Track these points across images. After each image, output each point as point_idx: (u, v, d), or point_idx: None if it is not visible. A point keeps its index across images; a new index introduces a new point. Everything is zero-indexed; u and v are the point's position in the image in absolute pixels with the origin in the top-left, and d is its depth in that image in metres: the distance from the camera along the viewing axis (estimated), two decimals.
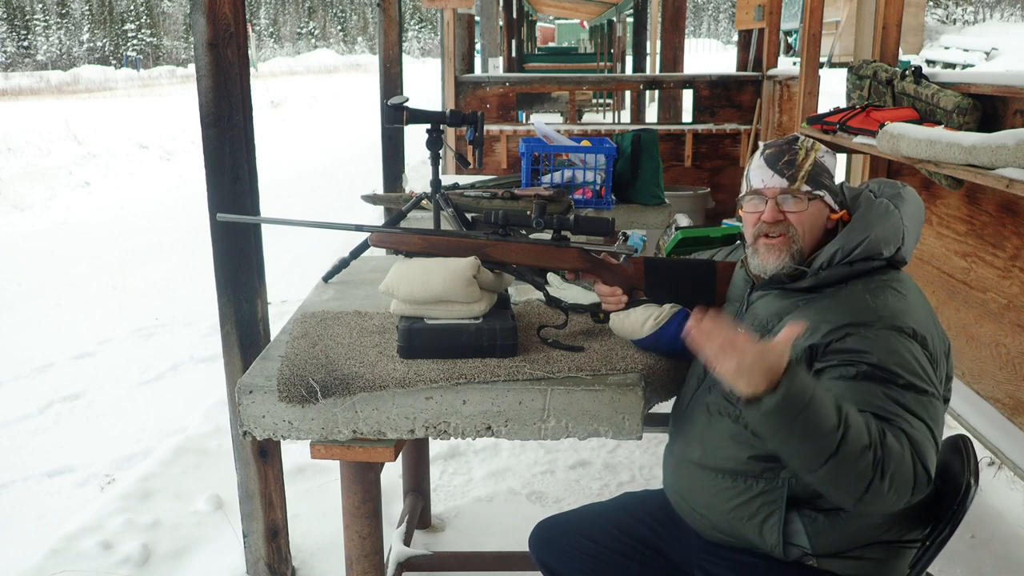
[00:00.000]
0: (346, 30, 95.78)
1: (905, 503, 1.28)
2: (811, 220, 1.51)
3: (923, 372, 1.33)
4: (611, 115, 14.73)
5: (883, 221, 1.46)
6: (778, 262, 1.51)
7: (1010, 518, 2.75)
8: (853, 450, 1.21)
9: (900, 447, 1.25)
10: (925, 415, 1.30)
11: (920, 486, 1.26)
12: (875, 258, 1.44)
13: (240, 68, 2.13)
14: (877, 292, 1.41)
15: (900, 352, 1.34)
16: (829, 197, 1.51)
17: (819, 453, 1.21)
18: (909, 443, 1.26)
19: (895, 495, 1.24)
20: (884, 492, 1.23)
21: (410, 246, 1.73)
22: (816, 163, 1.51)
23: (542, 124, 3.40)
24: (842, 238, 1.46)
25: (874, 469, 1.22)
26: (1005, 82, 2.64)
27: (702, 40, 70.97)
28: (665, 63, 7.68)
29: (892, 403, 1.30)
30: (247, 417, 1.55)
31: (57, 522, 2.87)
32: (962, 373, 2.95)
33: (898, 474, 1.23)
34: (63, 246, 7.53)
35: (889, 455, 1.23)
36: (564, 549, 1.76)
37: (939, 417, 1.34)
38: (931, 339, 1.38)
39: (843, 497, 1.27)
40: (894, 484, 1.23)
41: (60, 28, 76.88)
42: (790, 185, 1.50)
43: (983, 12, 51.82)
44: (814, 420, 1.20)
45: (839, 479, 1.23)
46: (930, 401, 1.32)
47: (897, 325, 1.36)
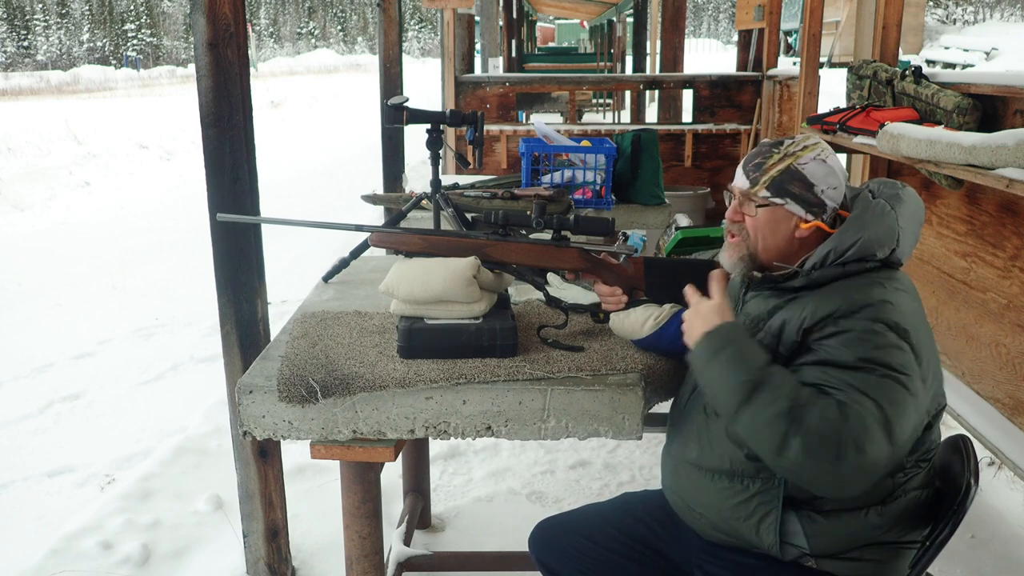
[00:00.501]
0: (346, 30, 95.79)
1: (840, 481, 1.25)
2: (766, 227, 1.50)
3: (886, 357, 1.31)
4: (611, 115, 14.72)
5: (877, 222, 1.44)
6: (730, 261, 1.55)
7: (1010, 518, 2.75)
8: (767, 401, 1.28)
9: (827, 411, 1.26)
10: (875, 393, 1.27)
11: (846, 458, 1.23)
12: (868, 259, 1.43)
13: (240, 68, 2.13)
14: (866, 286, 1.40)
15: (865, 339, 1.32)
16: (796, 206, 1.48)
17: (733, 396, 1.32)
18: (841, 411, 1.25)
19: (815, 460, 1.23)
20: (799, 453, 1.24)
21: (410, 246, 1.73)
22: (788, 170, 1.47)
23: (542, 124, 3.40)
24: (835, 239, 1.44)
25: (788, 424, 1.25)
26: (1005, 82, 2.64)
27: (702, 40, 70.98)
28: (665, 63, 7.68)
29: (838, 380, 1.30)
30: (247, 417, 1.55)
31: (57, 522, 2.88)
32: (962, 373, 2.95)
33: (815, 437, 1.24)
34: (63, 246, 7.53)
35: (807, 416, 1.25)
36: (564, 549, 1.76)
37: (899, 399, 1.29)
38: (913, 333, 1.35)
39: (762, 450, 1.30)
40: (809, 446, 1.23)
41: (60, 28, 76.89)
42: (750, 188, 1.51)
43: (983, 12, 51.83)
44: (735, 360, 1.34)
45: (754, 428, 1.29)
46: (886, 383, 1.29)
47: (878, 317, 1.35)
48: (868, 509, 1.44)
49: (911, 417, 1.31)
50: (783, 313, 1.45)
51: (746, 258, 1.53)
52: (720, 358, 1.36)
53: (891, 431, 1.27)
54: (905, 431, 1.30)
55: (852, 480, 1.25)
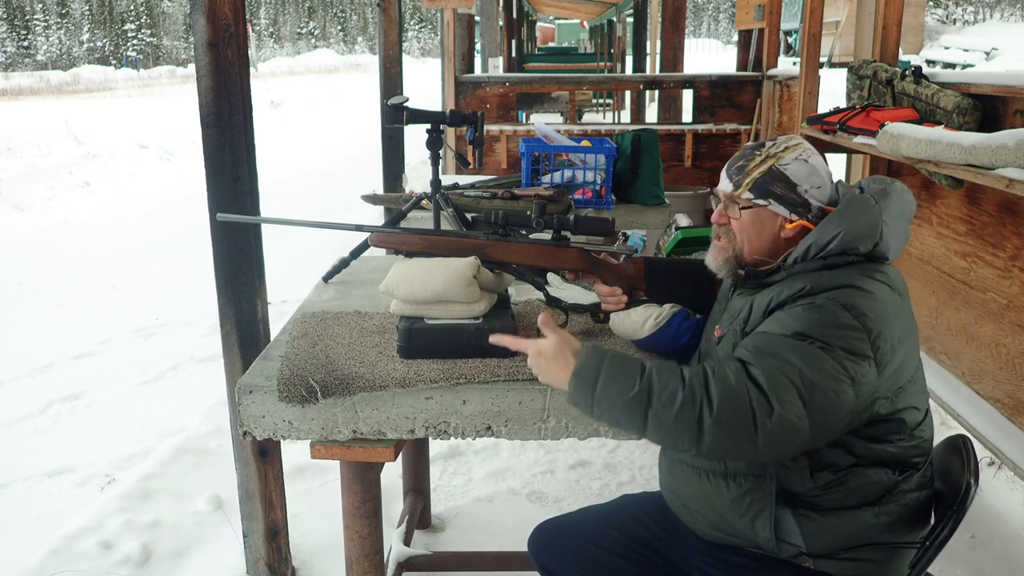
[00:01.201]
0: (346, 30, 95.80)
1: (761, 446, 1.24)
2: (751, 229, 1.51)
3: (827, 335, 1.30)
4: (611, 115, 14.73)
5: (859, 216, 1.43)
6: (716, 263, 1.56)
7: (1010, 518, 2.75)
8: (665, 396, 1.27)
9: (728, 378, 1.26)
10: (797, 359, 1.27)
11: (761, 420, 1.23)
12: (850, 253, 1.42)
13: (240, 68, 2.13)
14: (838, 274, 1.40)
15: (812, 315, 1.33)
16: (779, 206, 1.48)
17: (634, 411, 1.29)
18: (745, 374, 1.27)
19: (732, 432, 1.23)
20: (716, 431, 1.23)
21: (410, 246, 1.73)
22: (770, 171, 1.48)
23: (542, 124, 3.40)
24: (816, 233, 1.45)
25: (695, 406, 1.25)
26: (1005, 82, 2.64)
27: (702, 40, 70.97)
28: (665, 63, 7.68)
29: (760, 347, 1.31)
30: (247, 417, 1.55)
31: (57, 522, 2.87)
32: (962, 373, 2.95)
33: (727, 403, 1.24)
34: (63, 246, 7.53)
35: (711, 390, 1.25)
36: (563, 551, 1.76)
37: (829, 371, 1.27)
38: (874, 318, 1.33)
39: (684, 446, 1.28)
40: (722, 419, 1.23)
41: (60, 28, 76.90)
42: (733, 191, 1.52)
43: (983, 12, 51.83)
44: (612, 383, 1.30)
45: (667, 428, 1.27)
46: (813, 351, 1.28)
47: (836, 297, 1.35)
48: (864, 509, 1.44)
49: (841, 395, 1.28)
50: (754, 297, 1.48)
51: (732, 260, 1.54)
52: (601, 384, 1.31)
53: (808, 393, 1.26)
54: (832, 404, 1.28)
55: (771, 443, 1.25)
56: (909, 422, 1.44)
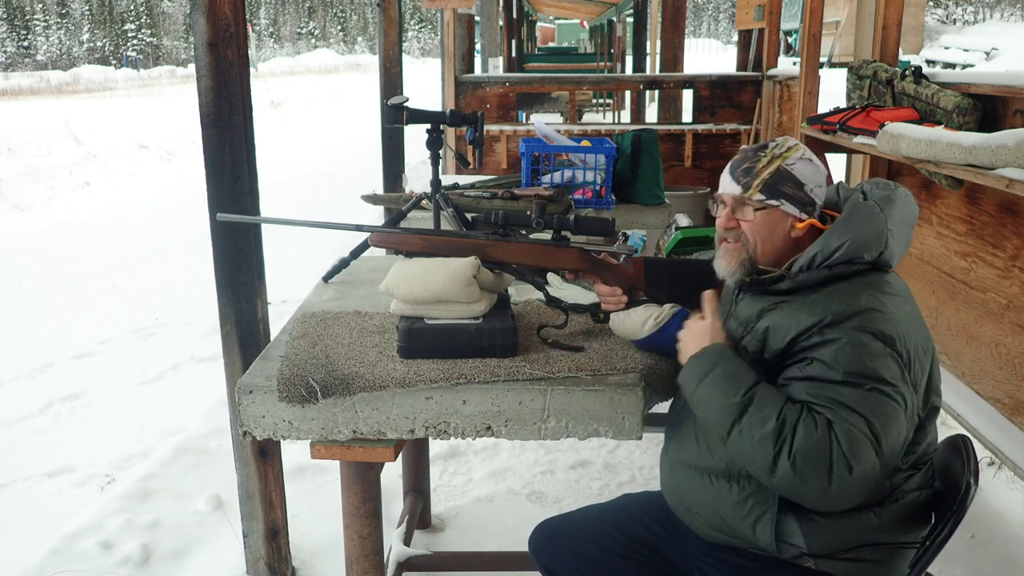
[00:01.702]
0: (346, 30, 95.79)
1: (833, 496, 1.28)
2: (764, 230, 1.50)
3: (873, 369, 1.32)
4: (611, 115, 14.73)
5: (865, 224, 1.43)
6: (728, 268, 1.55)
7: (1010, 518, 2.75)
8: (756, 421, 1.32)
9: (815, 430, 1.29)
10: (863, 409, 1.29)
11: (836, 475, 1.26)
12: (856, 262, 1.42)
13: (240, 68, 2.13)
14: (853, 293, 1.40)
15: (852, 351, 1.33)
16: (790, 206, 1.48)
17: (725, 416, 1.35)
18: (829, 430, 1.29)
19: (806, 478, 1.28)
20: (789, 471, 1.28)
21: (410, 246, 1.73)
22: (779, 171, 1.48)
23: (542, 124, 3.40)
24: (822, 241, 1.44)
25: (777, 443, 1.29)
26: (1005, 82, 2.64)
27: (702, 40, 70.96)
28: (665, 63, 7.68)
29: (825, 397, 1.32)
30: (247, 417, 1.55)
31: (57, 522, 2.87)
32: (962, 373, 2.95)
33: (806, 454, 1.27)
34: (63, 246, 7.53)
35: (797, 434, 1.29)
36: (563, 551, 1.76)
37: (888, 412, 1.30)
38: (900, 339, 1.35)
39: (754, 469, 1.34)
40: (799, 464, 1.27)
41: (60, 28, 76.89)
42: (743, 193, 1.51)
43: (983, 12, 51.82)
44: (723, 382, 1.38)
45: (744, 448, 1.33)
46: (874, 397, 1.30)
47: (864, 326, 1.35)
48: (866, 510, 1.44)
49: (900, 427, 1.33)
50: (770, 318, 1.46)
51: (746, 263, 1.53)
52: (708, 380, 1.40)
53: (880, 444, 1.29)
54: (894, 441, 1.32)
55: (843, 495, 1.29)
56: (928, 427, 1.46)
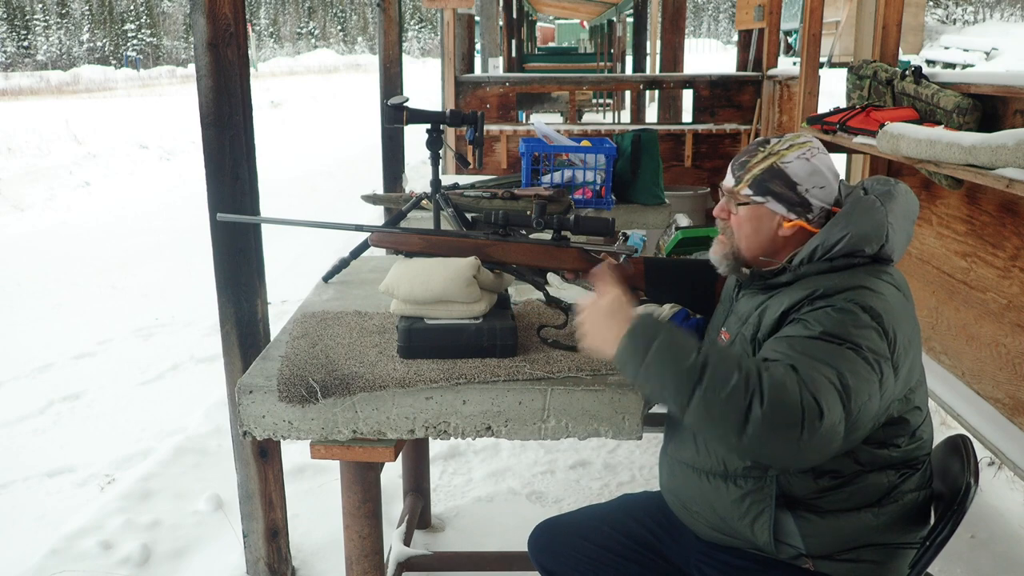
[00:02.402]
0: (346, 30, 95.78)
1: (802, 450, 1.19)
2: (748, 225, 1.51)
3: (853, 335, 1.29)
4: (611, 115, 14.72)
5: (865, 218, 1.44)
6: (715, 257, 1.57)
7: (1010, 518, 2.75)
8: (718, 375, 1.20)
9: (783, 377, 1.21)
10: (833, 361, 1.25)
11: (811, 419, 1.18)
12: (856, 255, 1.43)
13: (240, 68, 2.13)
14: (849, 275, 1.41)
15: (836, 316, 1.32)
16: (777, 204, 1.48)
17: (683, 383, 1.22)
18: (797, 376, 1.22)
19: (777, 428, 1.18)
20: (760, 423, 1.17)
21: (410, 246, 1.73)
22: (771, 169, 1.48)
23: (542, 124, 3.40)
24: (823, 234, 1.45)
25: (747, 395, 1.19)
26: (1005, 82, 2.64)
27: (702, 40, 70.93)
28: (665, 63, 7.68)
29: (794, 349, 1.29)
30: (247, 417, 1.55)
31: (57, 522, 2.87)
32: (962, 373, 2.95)
33: (778, 400, 1.18)
34: (63, 246, 7.53)
35: (765, 381, 1.20)
36: (563, 551, 1.76)
37: (862, 373, 1.26)
38: (888, 319, 1.34)
39: (723, 431, 1.21)
40: (775, 411, 1.17)
41: (60, 28, 76.89)
42: (734, 186, 1.52)
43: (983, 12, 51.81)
44: (671, 349, 1.25)
45: (712, 409, 1.20)
46: (848, 354, 1.27)
47: (853, 298, 1.35)
48: (863, 510, 1.44)
49: (872, 394, 1.27)
50: (767, 304, 1.47)
51: (730, 255, 1.55)
52: (653, 352, 1.26)
53: (848, 398, 1.23)
54: (863, 406, 1.26)
55: (812, 448, 1.19)
56: (913, 423, 1.44)
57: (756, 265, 1.54)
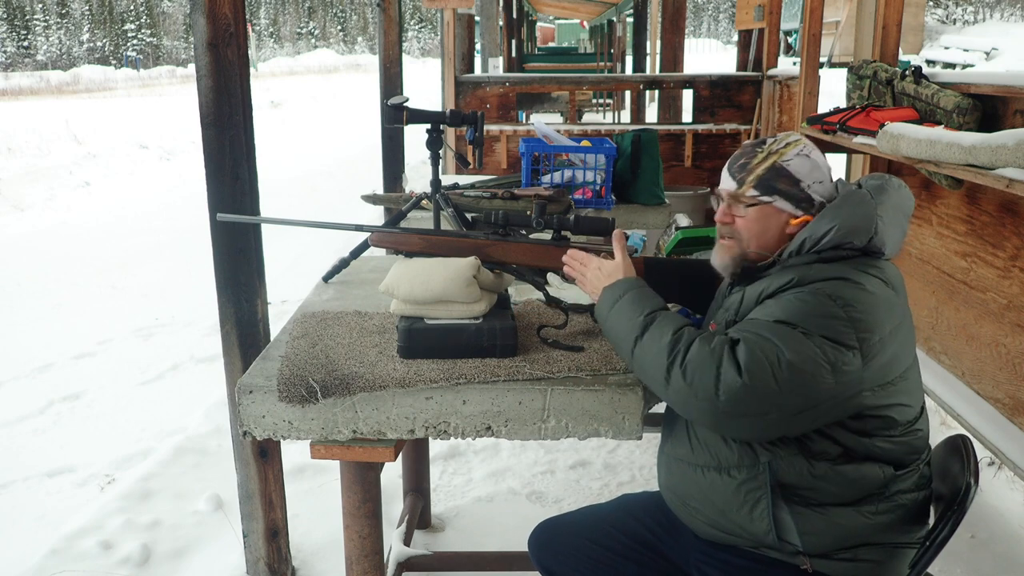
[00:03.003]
0: (346, 30, 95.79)
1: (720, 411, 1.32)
2: (756, 226, 1.51)
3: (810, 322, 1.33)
4: (611, 115, 14.73)
5: (853, 210, 1.44)
6: (722, 263, 1.58)
7: (1010, 518, 2.75)
8: (656, 335, 1.41)
9: (708, 344, 1.35)
10: (780, 341, 1.31)
11: (727, 384, 1.30)
12: (844, 247, 1.43)
13: (240, 68, 2.13)
14: (833, 267, 1.42)
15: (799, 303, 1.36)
16: (784, 202, 1.49)
17: (630, 333, 1.45)
18: (729, 346, 1.34)
19: (694, 387, 1.33)
20: (681, 379, 1.35)
21: (410, 246, 1.73)
22: (774, 168, 1.49)
23: (542, 124, 3.40)
24: (811, 227, 1.46)
25: (671, 355, 1.37)
26: (1005, 82, 2.64)
27: (702, 40, 70.92)
28: (665, 63, 7.68)
29: (745, 327, 1.37)
30: (247, 417, 1.55)
31: (57, 522, 2.87)
32: (962, 373, 2.95)
33: (696, 364, 1.34)
34: (63, 246, 7.53)
35: (691, 347, 1.36)
36: (563, 550, 1.76)
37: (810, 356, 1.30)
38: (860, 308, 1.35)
39: (652, 379, 1.42)
40: (689, 372, 1.34)
41: (60, 28, 76.90)
42: (736, 189, 1.52)
43: (983, 12, 51.81)
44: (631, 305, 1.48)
45: (645, 361, 1.42)
46: (798, 338, 1.31)
47: (824, 289, 1.37)
48: (858, 505, 1.44)
49: (821, 380, 1.31)
50: (747, 289, 1.50)
51: (739, 259, 1.55)
52: (618, 306, 1.49)
53: (782, 374, 1.30)
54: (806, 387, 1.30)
55: (730, 408, 1.31)
56: (899, 419, 1.43)
57: (753, 262, 1.55)
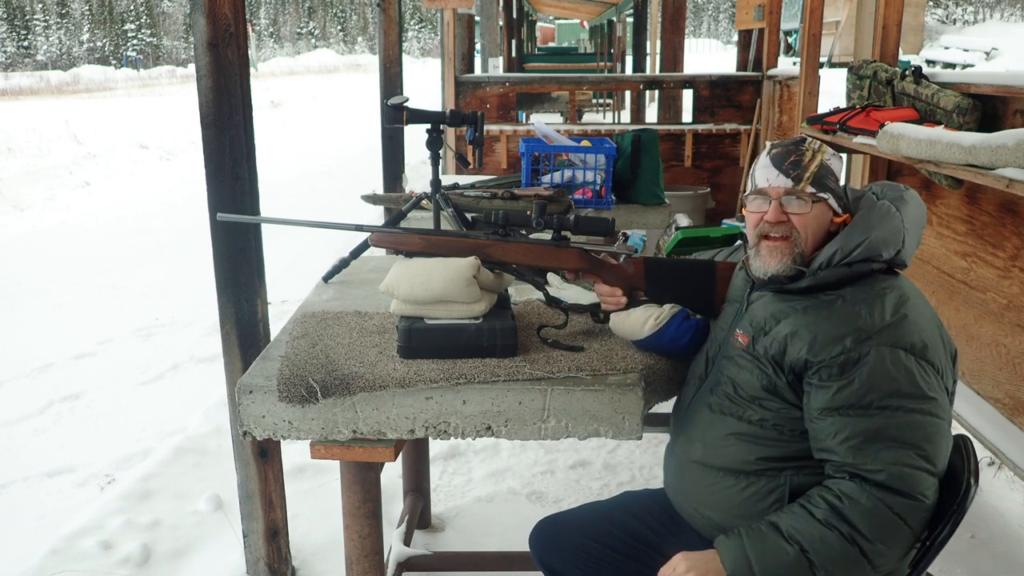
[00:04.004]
0: (346, 30, 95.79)
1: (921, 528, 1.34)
2: (815, 223, 1.50)
3: (909, 388, 1.34)
4: (611, 115, 14.72)
5: (883, 223, 1.45)
6: (780, 264, 1.50)
7: (1010, 518, 2.75)
8: (824, 549, 1.32)
9: (862, 502, 1.31)
10: (910, 437, 1.32)
11: (914, 518, 1.31)
12: (874, 260, 1.43)
13: (240, 68, 2.13)
14: (874, 302, 1.40)
15: (889, 371, 1.34)
16: (833, 200, 1.50)
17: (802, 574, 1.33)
18: (874, 488, 1.31)
19: (899, 537, 1.31)
20: (884, 550, 1.30)
21: (410, 246, 1.73)
22: (822, 165, 1.49)
23: (542, 124, 3.40)
24: (841, 239, 1.45)
25: (852, 544, 1.31)
26: (1005, 82, 2.64)
27: (702, 40, 70.90)
28: (665, 63, 7.68)
29: (861, 435, 1.34)
30: (247, 417, 1.55)
31: (57, 522, 2.87)
32: (962, 373, 2.95)
33: (880, 527, 1.29)
34: (63, 246, 7.53)
35: (858, 521, 1.31)
36: (564, 548, 1.76)
37: (933, 432, 1.34)
38: (932, 346, 1.37)
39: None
40: (884, 536, 1.30)
41: (60, 28, 76.90)
42: (795, 186, 1.48)
43: (983, 12, 51.81)
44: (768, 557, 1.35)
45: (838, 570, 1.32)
46: (916, 420, 1.33)
47: (893, 340, 1.36)
48: None
49: (947, 439, 1.36)
50: (790, 323, 1.45)
51: (798, 258, 1.50)
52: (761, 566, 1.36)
53: (935, 466, 1.33)
54: (945, 455, 1.35)
55: (927, 520, 1.34)
56: None
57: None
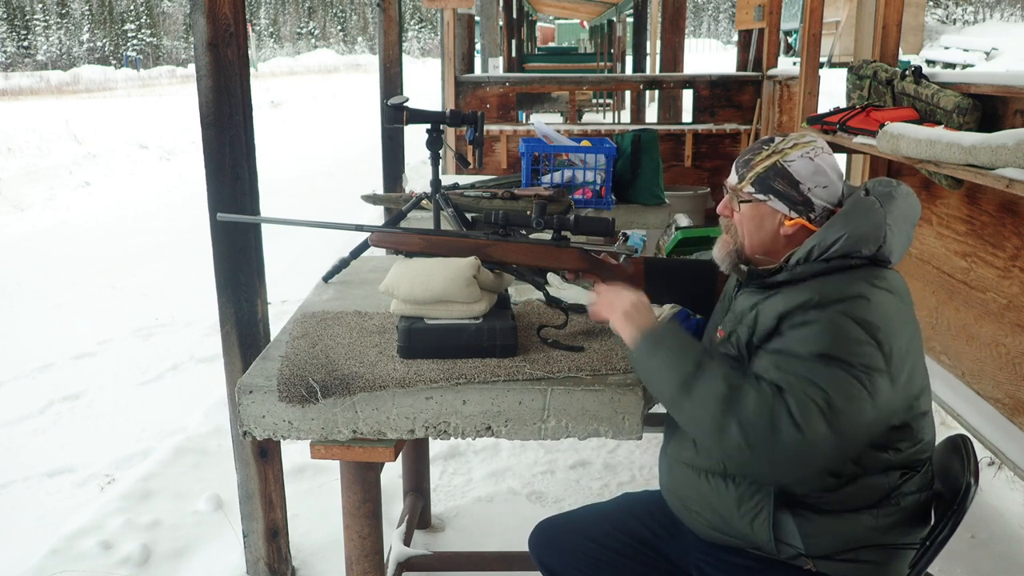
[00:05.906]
0: (346, 30, 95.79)
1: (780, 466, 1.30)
2: (750, 223, 1.51)
3: (845, 353, 1.31)
4: (611, 115, 14.72)
5: (863, 218, 1.43)
6: (719, 256, 1.57)
7: (1010, 518, 2.75)
8: (705, 390, 1.35)
9: (763, 397, 1.31)
10: (823, 383, 1.30)
11: (785, 442, 1.28)
12: (853, 256, 1.42)
13: (240, 68, 2.13)
14: (845, 281, 1.40)
15: (829, 333, 1.33)
16: (779, 203, 1.48)
17: (674, 386, 1.39)
18: (779, 396, 1.30)
19: (752, 443, 1.29)
20: (737, 436, 1.30)
21: (410, 246, 1.73)
22: (774, 167, 1.48)
23: (542, 124, 3.40)
24: (820, 234, 1.44)
25: (725, 409, 1.32)
26: (1005, 82, 2.64)
27: (702, 40, 70.90)
28: (665, 63, 7.68)
29: (784, 367, 1.34)
30: (247, 417, 1.55)
31: (57, 522, 2.87)
32: (962, 373, 2.95)
33: (750, 420, 1.29)
34: (63, 246, 7.53)
35: (745, 400, 1.31)
36: (564, 549, 1.76)
37: (852, 393, 1.30)
38: (884, 331, 1.34)
39: (703, 436, 1.38)
40: (746, 429, 1.29)
41: (60, 28, 76.90)
42: (737, 184, 1.52)
43: (983, 12, 51.82)
44: (673, 355, 1.41)
45: (694, 416, 1.36)
46: (838, 375, 1.30)
47: (847, 311, 1.35)
48: (863, 511, 1.43)
49: (863, 412, 1.31)
50: (762, 305, 1.46)
51: (733, 253, 1.55)
52: (659, 353, 1.43)
53: (835, 419, 1.29)
54: (854, 423, 1.30)
55: (789, 464, 1.29)
56: (916, 428, 1.44)
57: (755, 263, 1.54)
